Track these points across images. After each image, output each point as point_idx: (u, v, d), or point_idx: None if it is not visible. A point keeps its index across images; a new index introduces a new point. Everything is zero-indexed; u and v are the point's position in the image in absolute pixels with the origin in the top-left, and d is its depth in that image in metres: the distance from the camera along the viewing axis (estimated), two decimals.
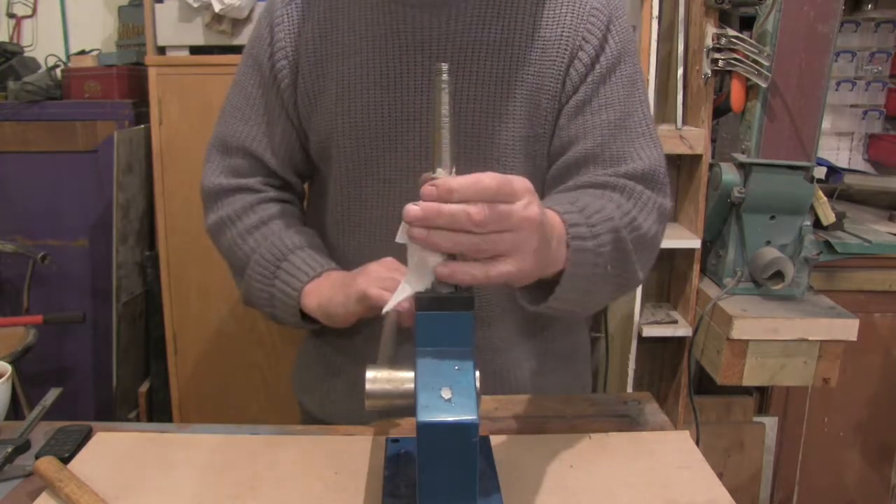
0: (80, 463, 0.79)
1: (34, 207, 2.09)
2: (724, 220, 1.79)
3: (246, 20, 1.86)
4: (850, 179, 2.16)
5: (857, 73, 2.17)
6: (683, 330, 1.88)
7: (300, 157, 1.01)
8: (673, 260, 2.01)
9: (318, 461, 0.80)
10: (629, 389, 1.96)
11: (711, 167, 1.79)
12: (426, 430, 0.57)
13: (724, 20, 1.76)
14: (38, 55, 2.26)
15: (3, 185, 2.08)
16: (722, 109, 1.80)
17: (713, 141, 1.88)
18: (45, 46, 2.28)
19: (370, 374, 0.65)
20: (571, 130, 0.89)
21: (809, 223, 1.73)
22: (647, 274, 0.85)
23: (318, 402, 1.05)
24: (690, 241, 1.82)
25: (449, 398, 0.58)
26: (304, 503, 0.73)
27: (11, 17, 2.29)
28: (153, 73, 1.88)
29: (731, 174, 1.71)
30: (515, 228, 0.59)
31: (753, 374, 1.65)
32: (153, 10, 1.88)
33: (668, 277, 2.07)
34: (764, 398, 2.05)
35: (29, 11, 2.30)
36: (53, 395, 0.91)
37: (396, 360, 0.69)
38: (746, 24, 1.79)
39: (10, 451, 0.79)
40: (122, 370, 2.04)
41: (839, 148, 2.22)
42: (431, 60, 0.88)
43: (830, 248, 1.76)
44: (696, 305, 1.86)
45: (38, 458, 0.77)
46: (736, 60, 1.66)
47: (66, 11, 2.30)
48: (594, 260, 0.72)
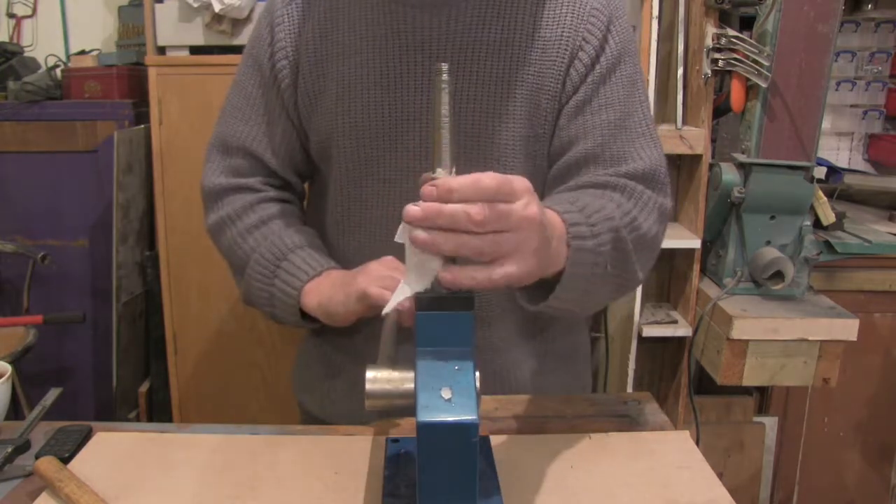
0: (80, 463, 0.79)
1: (34, 207, 2.09)
2: (724, 220, 1.79)
3: (246, 20, 1.86)
4: (850, 179, 2.16)
5: (857, 73, 2.17)
6: (683, 330, 1.88)
7: (300, 157, 1.01)
8: (673, 260, 2.01)
9: (318, 461, 0.80)
10: (629, 389, 1.96)
11: (711, 167, 1.79)
12: (426, 430, 0.57)
13: (724, 20, 1.76)
14: (38, 55, 2.26)
15: (3, 185, 2.09)
16: (722, 109, 1.80)
17: (713, 141, 1.88)
18: (45, 46, 2.28)
19: (370, 374, 0.65)
20: (571, 131, 0.90)
21: (809, 223, 1.73)
22: (647, 274, 0.85)
23: (318, 401, 1.05)
24: (690, 241, 1.82)
25: (449, 398, 0.58)
26: (304, 503, 0.73)
27: (11, 17, 2.29)
28: (153, 73, 1.88)
29: (731, 174, 1.71)
30: (515, 228, 0.59)
31: (753, 374, 1.65)
32: (153, 10, 1.88)
33: (668, 277, 2.07)
34: (764, 398, 2.05)
35: (29, 11, 2.29)
36: (53, 395, 0.91)
37: (396, 359, 0.69)
38: (746, 24, 1.79)
39: (10, 451, 0.79)
40: (122, 370, 2.04)
41: (839, 148, 2.22)
42: (431, 60, 0.88)
43: (830, 248, 1.76)
44: (696, 305, 1.86)
45: (38, 458, 0.77)
46: (736, 60, 1.66)
47: (66, 11, 2.30)
48: (594, 259, 0.72)
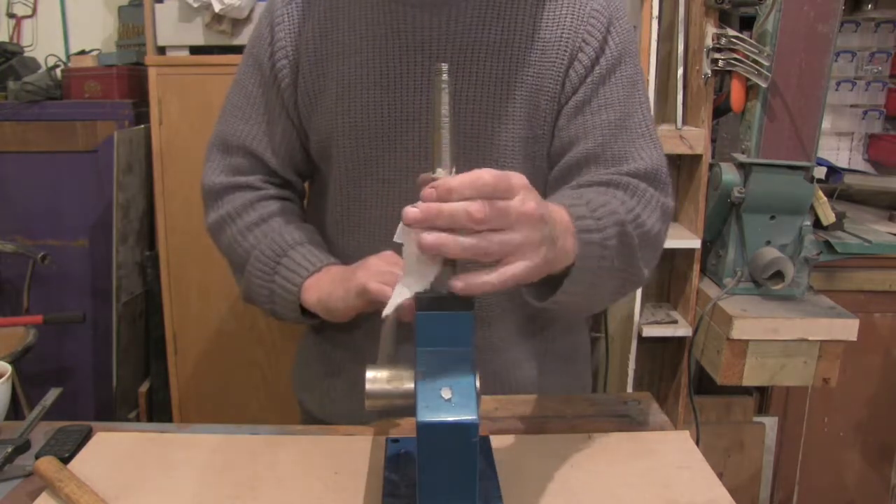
0: (80, 463, 0.79)
1: (34, 207, 2.09)
2: (724, 220, 1.79)
3: (246, 20, 1.86)
4: (850, 179, 2.16)
5: (857, 73, 2.17)
6: (683, 330, 1.88)
7: (300, 156, 1.01)
8: (673, 260, 2.01)
9: (318, 461, 0.80)
10: (629, 389, 1.95)
11: (711, 167, 1.79)
12: (426, 430, 0.57)
13: (724, 20, 1.76)
14: (38, 55, 2.26)
15: (3, 185, 2.09)
16: (722, 109, 1.80)
17: (713, 141, 1.88)
18: (45, 46, 2.28)
19: (370, 374, 0.65)
20: (571, 131, 0.89)
21: (809, 223, 1.73)
22: (651, 272, 0.85)
23: (317, 400, 1.05)
24: (690, 241, 1.82)
25: (449, 398, 0.58)
26: (304, 503, 0.73)
27: (11, 17, 2.29)
28: (153, 73, 1.88)
29: (731, 174, 1.71)
30: (516, 225, 0.58)
31: (753, 374, 1.65)
32: (153, 10, 1.88)
33: (668, 277, 2.07)
34: (764, 398, 2.05)
35: (29, 11, 2.29)
36: (53, 395, 0.91)
37: (396, 359, 0.69)
38: (746, 24, 1.79)
39: (10, 451, 0.79)
40: (122, 370, 2.04)
41: (839, 148, 2.22)
42: (431, 61, 0.88)
43: (830, 248, 1.76)
44: (696, 305, 1.86)
45: (38, 458, 0.77)
46: (736, 60, 1.66)
47: (66, 11, 2.30)
48: (600, 253, 0.72)
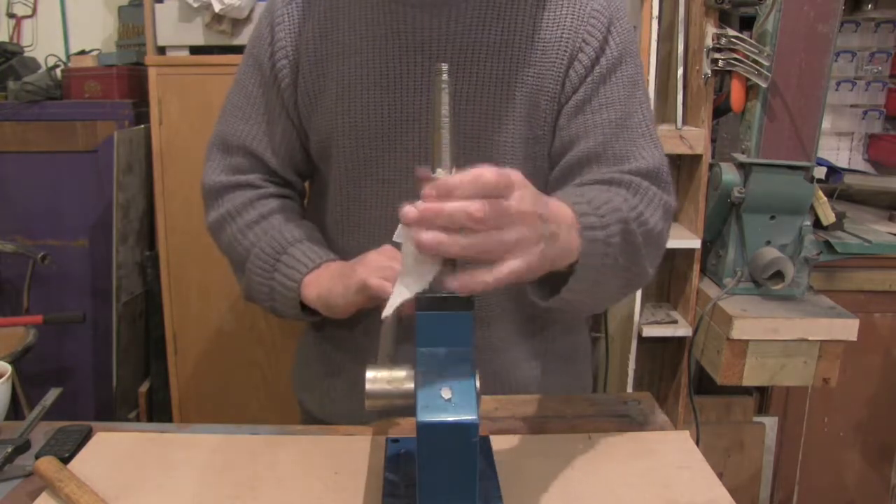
0: (80, 463, 0.79)
1: (34, 207, 2.09)
2: (724, 220, 1.79)
3: (246, 20, 1.86)
4: (850, 179, 2.16)
5: (857, 73, 2.17)
6: (683, 330, 1.88)
7: (300, 156, 1.01)
8: (673, 260, 2.01)
9: (318, 461, 0.80)
10: (629, 389, 1.96)
11: (711, 167, 1.79)
12: (426, 430, 0.57)
13: (724, 20, 1.76)
14: (38, 55, 2.26)
15: (3, 185, 2.08)
16: (722, 109, 1.80)
17: (713, 141, 1.88)
18: (45, 46, 2.28)
19: (370, 374, 0.65)
20: (572, 130, 0.89)
21: (809, 223, 1.73)
22: (655, 271, 0.84)
23: (317, 400, 1.05)
24: (690, 241, 1.82)
25: (449, 398, 0.58)
26: (304, 503, 0.73)
27: (11, 17, 2.29)
28: (153, 73, 1.88)
29: (731, 174, 1.71)
30: (514, 223, 0.58)
31: (753, 374, 1.65)
32: (153, 10, 1.88)
33: (668, 277, 2.07)
34: (764, 398, 2.05)
35: (29, 11, 2.29)
36: (53, 395, 0.91)
37: (396, 358, 0.69)
38: (746, 24, 1.79)
39: (10, 451, 0.79)
40: (122, 370, 2.04)
41: (839, 148, 2.22)
42: (431, 61, 0.88)
43: (830, 248, 1.76)
44: (696, 305, 1.86)
45: (38, 458, 0.77)
46: (736, 60, 1.66)
47: (66, 11, 2.30)
48: (604, 250, 0.72)
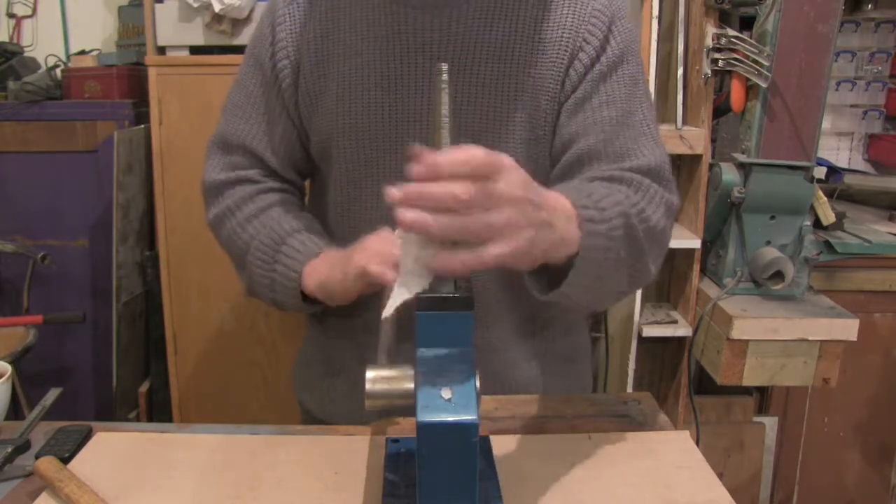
0: (80, 463, 0.79)
1: (34, 207, 2.09)
2: (724, 220, 1.79)
3: (246, 20, 1.86)
4: (850, 179, 2.16)
5: (857, 73, 2.17)
6: (683, 330, 1.88)
7: (300, 156, 1.01)
8: (673, 260, 2.01)
9: (318, 461, 0.80)
10: (629, 389, 1.96)
11: (711, 167, 1.79)
12: (426, 430, 0.57)
13: (724, 20, 1.76)
14: (38, 55, 2.26)
15: (3, 185, 2.08)
16: (722, 109, 1.80)
17: (713, 141, 1.88)
18: (45, 46, 2.28)
19: (370, 374, 0.65)
20: (572, 128, 0.89)
21: (809, 223, 1.73)
22: (658, 269, 0.83)
23: (317, 400, 1.05)
24: (690, 241, 1.82)
25: (449, 398, 0.58)
26: (303, 503, 0.73)
27: (11, 17, 2.29)
28: (153, 73, 1.88)
29: (731, 174, 1.71)
30: (501, 206, 0.57)
31: (753, 374, 1.65)
32: (153, 10, 1.88)
33: (668, 277, 2.07)
34: (764, 398, 2.05)
35: (29, 11, 2.29)
36: (53, 395, 0.91)
37: (396, 358, 0.69)
38: (746, 24, 1.79)
39: (10, 451, 0.79)
40: (122, 370, 2.04)
41: (839, 148, 2.22)
42: (433, 62, 0.88)
43: (830, 248, 1.76)
44: (696, 305, 1.86)
45: (38, 458, 0.77)
46: (736, 60, 1.66)
47: (66, 11, 2.30)
48: (606, 244, 0.71)
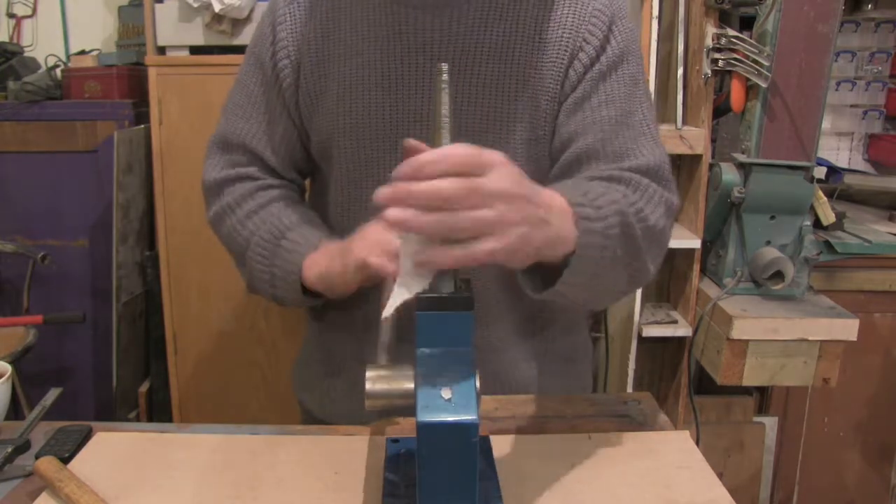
0: (80, 463, 0.79)
1: (34, 207, 2.09)
2: (724, 220, 1.79)
3: (246, 20, 1.86)
4: (850, 179, 2.16)
5: (857, 73, 2.17)
6: (683, 330, 1.88)
7: (301, 155, 1.01)
8: (673, 260, 2.01)
9: (318, 461, 0.80)
10: (629, 389, 1.96)
11: (711, 167, 1.79)
12: (426, 430, 0.57)
13: (724, 20, 1.76)
14: (38, 55, 2.26)
15: (3, 185, 2.08)
16: (722, 109, 1.80)
17: (713, 141, 1.88)
18: (45, 46, 2.28)
19: (370, 373, 0.65)
20: (571, 127, 0.89)
21: (809, 223, 1.73)
22: (657, 269, 0.83)
23: (317, 400, 1.05)
24: (690, 241, 1.82)
25: (449, 398, 0.58)
26: (303, 503, 0.73)
27: (11, 17, 2.29)
28: (153, 73, 1.88)
29: (731, 174, 1.71)
30: (490, 202, 0.57)
31: (753, 374, 1.65)
32: (153, 10, 1.88)
33: (668, 277, 2.07)
34: (764, 398, 2.05)
35: (29, 11, 2.29)
36: (53, 395, 0.91)
37: (396, 358, 0.69)
38: (746, 24, 1.79)
39: (10, 451, 0.79)
40: (122, 370, 2.04)
41: (839, 148, 2.22)
42: (433, 62, 0.88)
43: (830, 248, 1.76)
44: (696, 305, 1.86)
45: (38, 458, 0.77)
46: (736, 60, 1.66)
47: (66, 11, 2.30)
48: (603, 242, 0.71)
